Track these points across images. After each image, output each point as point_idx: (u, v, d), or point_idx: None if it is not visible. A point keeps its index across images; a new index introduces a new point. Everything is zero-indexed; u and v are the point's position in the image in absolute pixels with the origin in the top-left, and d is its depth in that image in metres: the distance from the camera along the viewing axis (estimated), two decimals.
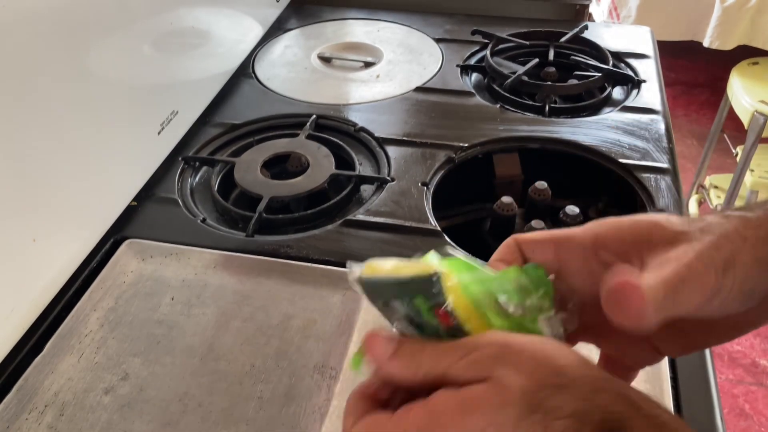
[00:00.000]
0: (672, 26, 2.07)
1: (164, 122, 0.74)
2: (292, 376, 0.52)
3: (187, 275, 0.62)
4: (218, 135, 0.81)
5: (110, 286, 0.61)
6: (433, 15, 1.10)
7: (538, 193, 0.73)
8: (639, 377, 0.51)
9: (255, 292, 0.60)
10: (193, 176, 0.75)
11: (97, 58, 0.62)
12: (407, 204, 0.69)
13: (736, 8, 1.95)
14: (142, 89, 0.70)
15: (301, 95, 0.89)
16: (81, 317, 0.58)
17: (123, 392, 0.52)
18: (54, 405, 0.51)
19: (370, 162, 0.77)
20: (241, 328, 0.57)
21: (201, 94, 0.85)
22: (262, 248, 0.64)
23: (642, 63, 0.94)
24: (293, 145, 0.77)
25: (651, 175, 0.72)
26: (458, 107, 0.86)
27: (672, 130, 0.81)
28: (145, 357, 0.54)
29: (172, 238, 0.65)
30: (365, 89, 0.91)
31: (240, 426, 0.49)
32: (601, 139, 0.78)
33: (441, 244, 0.64)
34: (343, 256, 0.63)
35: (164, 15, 0.74)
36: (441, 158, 0.75)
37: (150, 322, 0.57)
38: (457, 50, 0.99)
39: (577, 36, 0.99)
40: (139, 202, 0.70)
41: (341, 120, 0.83)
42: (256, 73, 0.95)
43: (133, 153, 0.70)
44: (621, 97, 0.88)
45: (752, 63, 1.76)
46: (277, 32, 1.06)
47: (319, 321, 0.57)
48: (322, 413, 0.49)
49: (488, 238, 0.74)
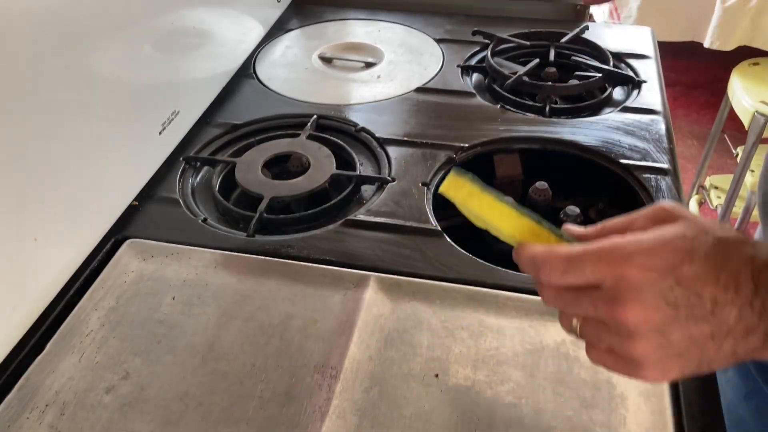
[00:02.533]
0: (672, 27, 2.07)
1: (165, 122, 0.74)
2: (293, 376, 0.52)
3: (188, 275, 0.62)
4: (219, 135, 0.81)
5: (111, 285, 0.61)
6: (433, 15, 1.10)
7: (538, 194, 0.73)
8: None
9: (256, 292, 0.60)
10: (194, 176, 0.75)
11: (98, 59, 0.62)
12: (408, 204, 0.69)
13: (737, 9, 1.95)
14: (143, 89, 0.71)
15: (302, 95, 0.89)
16: (82, 317, 0.58)
17: (124, 391, 0.52)
18: (55, 404, 0.51)
19: (371, 162, 0.77)
20: (241, 327, 0.57)
21: (202, 94, 0.85)
22: (262, 248, 0.64)
23: (642, 63, 0.94)
24: (294, 146, 0.77)
25: (651, 175, 0.72)
26: (459, 107, 0.86)
27: (672, 130, 0.81)
28: (146, 356, 0.54)
29: (173, 237, 0.65)
30: (366, 89, 0.91)
31: (240, 425, 0.49)
32: (601, 140, 0.78)
33: (441, 245, 0.64)
34: (343, 256, 0.63)
35: (165, 15, 0.74)
36: (442, 158, 0.75)
37: (151, 322, 0.57)
38: (457, 50, 0.99)
39: (577, 36, 0.99)
40: (141, 202, 0.70)
41: (342, 120, 0.83)
42: (257, 74, 0.95)
43: (134, 153, 0.70)
44: (621, 98, 0.89)
45: (753, 63, 1.76)
46: (278, 32, 1.06)
47: (320, 321, 0.57)
48: (323, 413, 0.49)
49: (488, 238, 0.74)
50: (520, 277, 0.60)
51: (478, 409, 0.50)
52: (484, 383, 0.51)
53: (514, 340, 0.55)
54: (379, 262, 0.62)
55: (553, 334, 0.55)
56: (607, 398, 0.50)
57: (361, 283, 0.60)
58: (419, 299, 0.59)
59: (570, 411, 0.49)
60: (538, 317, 0.56)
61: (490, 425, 0.49)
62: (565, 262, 0.36)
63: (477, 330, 0.56)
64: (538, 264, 0.38)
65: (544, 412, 0.49)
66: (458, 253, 0.63)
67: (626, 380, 0.51)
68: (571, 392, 0.50)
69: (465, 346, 0.54)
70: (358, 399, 0.51)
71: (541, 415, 0.49)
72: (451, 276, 0.60)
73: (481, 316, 0.57)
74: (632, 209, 0.72)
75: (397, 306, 0.58)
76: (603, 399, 0.50)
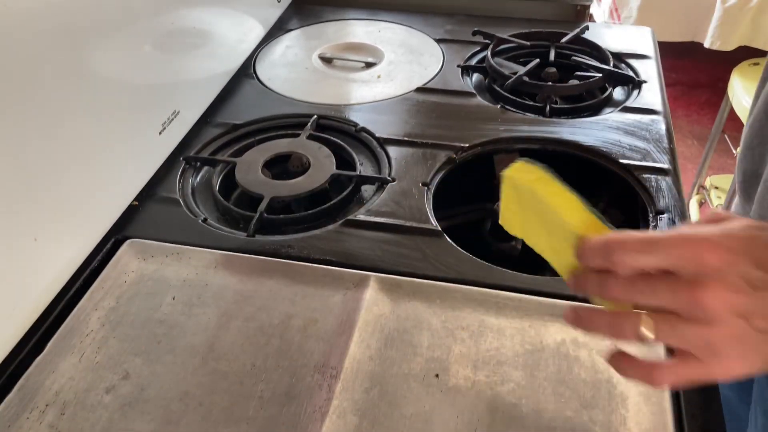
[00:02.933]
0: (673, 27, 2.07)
1: (165, 122, 0.74)
2: (293, 376, 0.52)
3: (188, 275, 0.62)
4: (219, 135, 0.81)
5: (111, 285, 0.61)
6: (433, 15, 1.10)
7: None
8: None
9: (256, 292, 0.60)
10: (194, 176, 0.75)
11: (98, 58, 0.62)
12: (408, 204, 0.69)
13: (737, 9, 1.95)
14: (143, 89, 0.71)
15: (302, 95, 0.89)
16: (82, 317, 0.58)
17: (124, 391, 0.52)
18: (55, 404, 0.51)
19: (371, 162, 0.77)
20: (242, 327, 0.57)
21: (202, 94, 0.85)
22: (263, 248, 0.64)
23: (643, 63, 0.94)
24: (294, 146, 0.77)
25: (652, 175, 0.72)
26: (459, 107, 0.86)
27: (673, 130, 0.81)
28: (146, 356, 0.54)
29: (174, 237, 0.65)
30: (366, 89, 0.91)
31: (240, 425, 0.49)
32: (601, 140, 0.78)
33: (441, 245, 0.64)
34: (343, 256, 0.63)
35: (165, 15, 0.74)
36: (442, 158, 0.75)
37: (151, 322, 0.57)
38: (458, 51, 0.99)
39: (578, 36, 0.99)
40: (141, 201, 0.70)
41: (342, 120, 0.83)
42: (258, 74, 0.95)
43: (134, 153, 0.70)
44: (622, 98, 0.89)
45: (753, 64, 1.76)
46: (278, 32, 1.06)
47: (320, 321, 0.57)
48: (323, 413, 0.49)
49: (489, 238, 0.74)
50: (520, 277, 0.60)
51: (478, 409, 0.50)
52: (484, 383, 0.51)
53: (514, 340, 0.55)
54: (379, 262, 0.62)
55: (553, 334, 0.55)
56: (607, 398, 0.50)
57: (362, 283, 0.60)
58: (419, 299, 0.59)
59: (570, 411, 0.49)
60: (538, 317, 0.56)
61: (491, 425, 0.49)
62: (644, 242, 0.35)
63: (477, 330, 0.56)
64: (612, 246, 0.35)
65: (545, 412, 0.49)
66: (458, 253, 0.63)
67: (626, 380, 0.51)
68: (572, 392, 0.50)
69: (465, 346, 0.54)
70: (358, 399, 0.51)
71: (541, 415, 0.49)
72: (452, 276, 0.60)
73: (482, 316, 0.57)
74: (632, 209, 0.73)
75: (397, 306, 0.58)
76: (603, 399, 0.50)
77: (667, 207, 0.68)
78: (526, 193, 0.41)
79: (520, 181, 0.41)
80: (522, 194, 0.41)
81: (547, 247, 0.42)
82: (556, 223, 0.39)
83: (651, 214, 0.68)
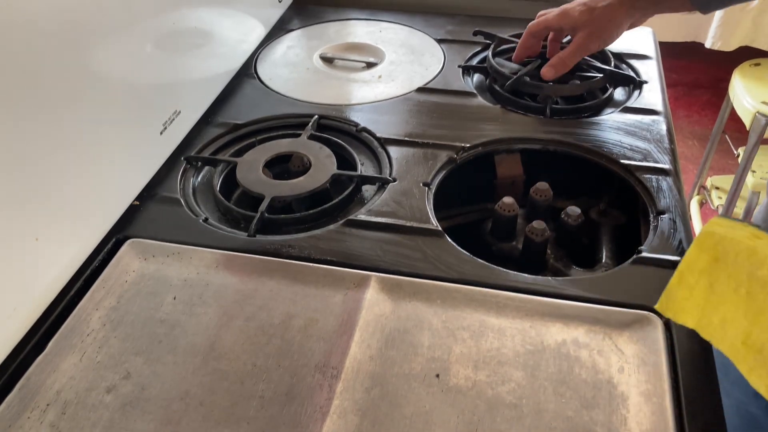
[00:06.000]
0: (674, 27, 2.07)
1: (167, 122, 0.74)
2: (294, 376, 0.52)
3: (189, 275, 0.62)
4: (220, 135, 0.81)
5: (112, 285, 0.61)
6: (434, 16, 1.10)
7: (539, 194, 0.73)
8: (641, 377, 0.51)
9: (257, 292, 0.60)
10: (195, 176, 0.75)
11: (99, 58, 0.62)
12: (409, 204, 0.69)
13: (738, 9, 1.95)
14: (144, 89, 0.71)
15: (303, 95, 0.89)
16: (83, 316, 0.58)
17: (125, 391, 0.52)
18: (56, 404, 0.51)
19: (372, 162, 0.77)
20: (242, 327, 0.57)
21: (203, 94, 0.85)
22: (264, 248, 0.64)
23: (643, 64, 0.94)
24: (295, 145, 0.77)
25: (652, 175, 0.72)
26: (460, 108, 0.86)
27: (673, 130, 0.81)
28: (147, 356, 0.55)
29: (174, 237, 0.65)
30: (367, 90, 0.91)
31: (241, 425, 0.49)
32: (602, 140, 0.78)
33: (442, 245, 0.64)
34: (344, 256, 0.63)
35: (167, 15, 0.74)
36: (442, 158, 0.75)
37: (152, 322, 0.58)
38: (458, 51, 0.99)
39: None
40: (142, 201, 0.70)
41: (343, 120, 0.83)
42: (259, 74, 0.95)
43: (135, 153, 0.70)
44: (622, 98, 0.89)
45: (754, 64, 1.76)
46: (279, 32, 1.06)
47: (321, 320, 0.57)
48: (324, 413, 0.49)
49: (489, 238, 0.74)
50: (521, 277, 0.60)
51: (479, 409, 0.50)
52: (484, 383, 0.51)
53: (515, 341, 0.55)
54: (380, 262, 0.62)
55: (554, 334, 0.55)
56: (607, 398, 0.50)
57: (362, 283, 0.60)
58: (420, 299, 0.59)
59: (571, 411, 0.49)
60: (539, 318, 0.57)
61: (491, 425, 0.49)
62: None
63: (478, 330, 0.56)
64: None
65: (545, 413, 0.49)
66: (459, 253, 0.63)
67: (627, 380, 0.51)
68: (572, 392, 0.51)
69: (466, 346, 0.54)
70: (359, 399, 0.51)
71: (542, 416, 0.49)
72: (452, 276, 0.60)
73: (482, 316, 0.57)
74: (633, 209, 0.73)
75: (398, 306, 0.58)
76: (604, 399, 0.50)
77: (667, 207, 0.68)
78: (733, 256, 0.29)
79: (723, 236, 0.28)
80: (725, 258, 0.29)
81: (741, 339, 0.29)
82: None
83: (652, 214, 0.68)
